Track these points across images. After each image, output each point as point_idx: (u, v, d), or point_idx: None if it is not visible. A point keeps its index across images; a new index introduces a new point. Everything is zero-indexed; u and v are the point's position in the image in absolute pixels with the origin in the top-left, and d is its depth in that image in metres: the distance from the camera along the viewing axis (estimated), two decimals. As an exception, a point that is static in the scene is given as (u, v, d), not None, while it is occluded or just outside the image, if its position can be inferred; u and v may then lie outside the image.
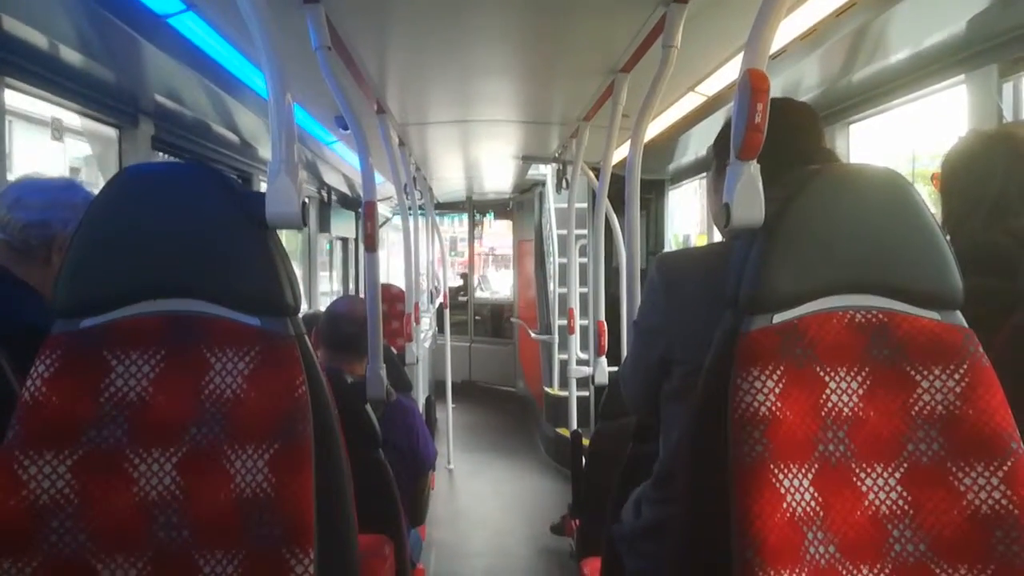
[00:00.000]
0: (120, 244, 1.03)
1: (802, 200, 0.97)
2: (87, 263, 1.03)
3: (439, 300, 6.99)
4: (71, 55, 1.99)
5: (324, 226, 5.47)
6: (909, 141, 2.89)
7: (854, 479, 0.92)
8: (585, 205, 5.25)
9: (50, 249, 1.52)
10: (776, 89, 0.99)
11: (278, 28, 1.13)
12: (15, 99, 2.02)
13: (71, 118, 2.37)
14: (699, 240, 5.60)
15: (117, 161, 2.58)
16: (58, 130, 2.32)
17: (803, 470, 0.90)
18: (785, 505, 0.88)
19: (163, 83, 2.43)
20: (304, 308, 4.53)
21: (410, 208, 4.30)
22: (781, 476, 0.88)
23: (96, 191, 1.61)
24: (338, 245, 6.44)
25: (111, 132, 2.56)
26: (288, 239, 5.08)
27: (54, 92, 2.12)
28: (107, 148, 2.62)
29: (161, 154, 2.87)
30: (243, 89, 2.62)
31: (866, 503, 0.92)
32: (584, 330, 4.74)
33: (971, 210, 1.41)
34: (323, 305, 4.65)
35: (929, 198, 1.02)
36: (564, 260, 5.19)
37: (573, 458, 3.43)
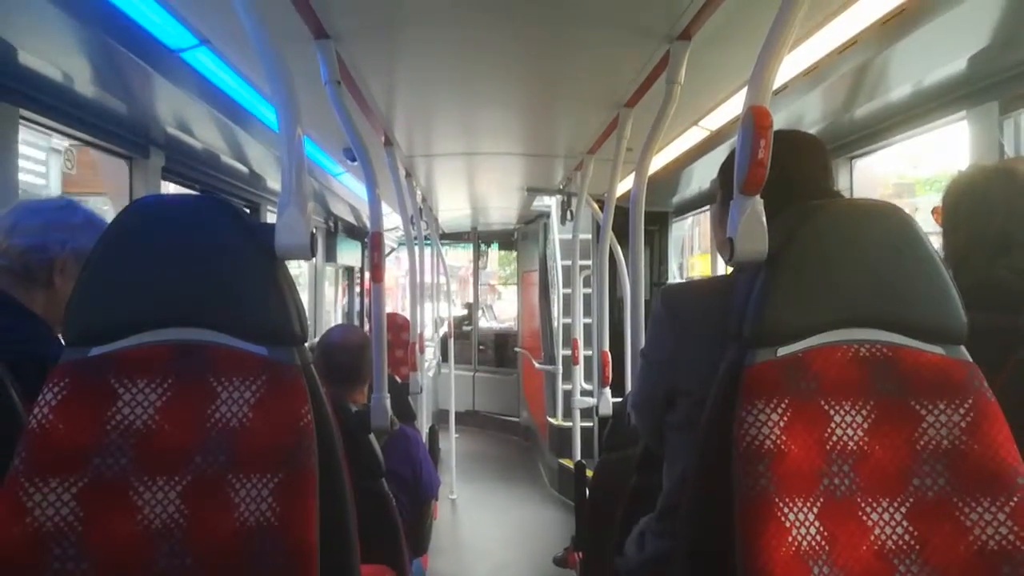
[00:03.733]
0: (130, 274, 1.04)
1: (805, 234, 0.98)
2: (97, 292, 1.04)
3: (443, 329, 6.98)
4: (85, 88, 2.03)
5: (330, 255, 5.51)
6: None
7: (860, 513, 0.92)
8: (589, 236, 5.27)
9: (51, 272, 1.50)
10: (779, 124, 1.00)
11: (289, 63, 1.16)
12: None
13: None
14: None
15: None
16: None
17: (808, 504, 0.90)
18: (790, 539, 0.87)
19: (174, 115, 2.47)
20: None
21: (416, 239, 4.32)
22: (786, 510, 0.88)
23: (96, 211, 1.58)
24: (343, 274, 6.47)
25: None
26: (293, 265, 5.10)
27: (67, 124, 2.15)
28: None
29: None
30: (251, 120, 2.66)
31: (872, 537, 0.91)
32: (588, 360, 4.73)
33: (974, 245, 1.42)
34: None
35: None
36: (568, 291, 5.19)
37: (577, 489, 3.40)
